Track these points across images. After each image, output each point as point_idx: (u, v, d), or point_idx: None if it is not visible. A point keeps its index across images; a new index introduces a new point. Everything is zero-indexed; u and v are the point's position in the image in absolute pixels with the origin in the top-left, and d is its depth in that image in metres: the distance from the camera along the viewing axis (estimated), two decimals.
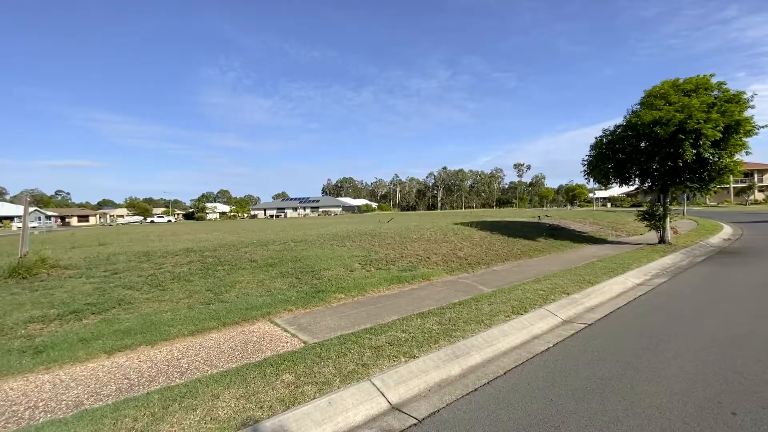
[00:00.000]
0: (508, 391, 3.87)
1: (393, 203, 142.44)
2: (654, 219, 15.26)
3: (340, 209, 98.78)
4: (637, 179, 15.66)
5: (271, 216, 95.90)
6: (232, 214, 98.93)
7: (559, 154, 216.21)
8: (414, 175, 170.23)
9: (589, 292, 7.59)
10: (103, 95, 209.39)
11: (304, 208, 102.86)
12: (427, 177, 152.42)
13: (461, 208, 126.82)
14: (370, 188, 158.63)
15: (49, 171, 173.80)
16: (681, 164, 13.13)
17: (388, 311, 6.36)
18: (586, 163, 15.85)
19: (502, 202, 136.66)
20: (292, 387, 3.72)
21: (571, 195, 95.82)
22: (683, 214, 31.06)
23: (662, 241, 15.03)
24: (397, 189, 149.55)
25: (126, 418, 3.20)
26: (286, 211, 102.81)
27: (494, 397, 3.75)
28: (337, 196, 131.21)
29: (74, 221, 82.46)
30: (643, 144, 13.82)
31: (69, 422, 3.17)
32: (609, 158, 14.86)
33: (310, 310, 6.58)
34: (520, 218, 25.12)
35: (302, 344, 4.94)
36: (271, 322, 5.93)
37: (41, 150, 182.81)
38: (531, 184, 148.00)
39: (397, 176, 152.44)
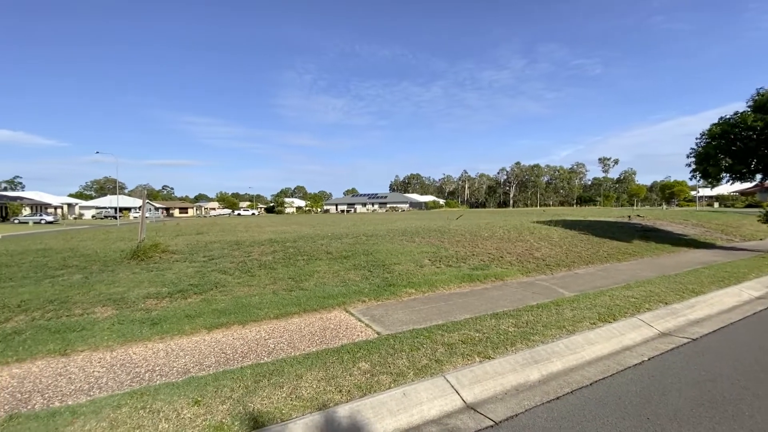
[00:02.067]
0: (595, 403, 3.57)
1: (461, 200, 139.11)
2: None
3: (407, 205, 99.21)
4: (759, 174, 13.31)
5: (342, 211, 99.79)
6: (308, 208, 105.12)
7: (653, 147, 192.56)
8: (484, 171, 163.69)
9: (693, 303, 6.68)
10: (198, 101, 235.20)
11: (373, 204, 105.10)
12: (498, 173, 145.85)
13: (536, 206, 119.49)
14: (438, 184, 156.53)
15: (156, 169, 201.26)
16: None
17: (459, 309, 6.26)
18: (693, 155, 13.84)
19: (584, 200, 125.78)
20: (368, 375, 3.85)
21: (668, 193, 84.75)
22: None
23: None
24: (466, 185, 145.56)
25: (225, 387, 3.59)
26: (355, 206, 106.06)
27: (579, 408, 3.50)
28: (405, 193, 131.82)
29: (176, 213, 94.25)
30: None
31: (180, 386, 3.65)
32: (725, 149, 12.79)
33: (381, 302, 6.74)
34: (605, 218, 22.96)
35: (376, 335, 5.09)
36: (346, 312, 6.19)
37: (151, 150, 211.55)
38: (618, 181, 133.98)
39: (465, 172, 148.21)
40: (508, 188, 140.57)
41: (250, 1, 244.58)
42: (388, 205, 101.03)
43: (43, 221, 49.60)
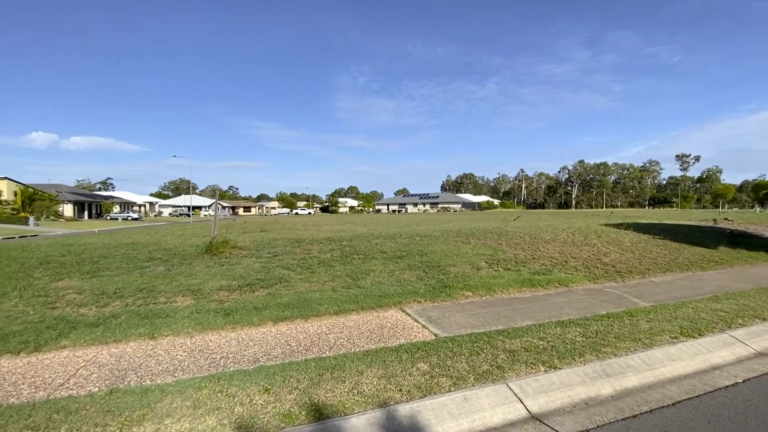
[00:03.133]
0: (680, 426, 3.25)
1: (517, 200, 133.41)
2: None
3: (460, 206, 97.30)
4: None
5: (393, 211, 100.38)
6: (360, 208, 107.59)
7: (744, 141, 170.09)
8: (542, 169, 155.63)
9: None
10: (263, 107, 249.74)
11: (424, 204, 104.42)
12: (559, 172, 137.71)
13: (602, 207, 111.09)
14: (492, 184, 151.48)
15: (224, 170, 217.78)
16: None
17: (520, 315, 6.02)
18: None
19: (658, 201, 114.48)
20: (428, 376, 3.84)
21: (762, 194, 74.39)
22: None
23: None
24: (523, 185, 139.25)
25: (291, 378, 3.79)
26: (406, 206, 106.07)
27: (660, 429, 3.20)
28: (457, 193, 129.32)
29: (240, 211, 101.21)
30: None
31: (251, 374, 3.92)
32: None
33: (437, 303, 6.69)
34: (685, 221, 20.76)
35: (433, 336, 5.07)
36: (402, 311, 6.23)
37: (219, 153, 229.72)
38: (700, 180, 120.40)
39: (522, 171, 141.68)
40: (569, 188, 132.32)
41: (307, 10, 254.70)
42: (439, 206, 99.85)
43: (129, 218, 55.85)
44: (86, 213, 58.23)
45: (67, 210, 52.63)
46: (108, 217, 58.43)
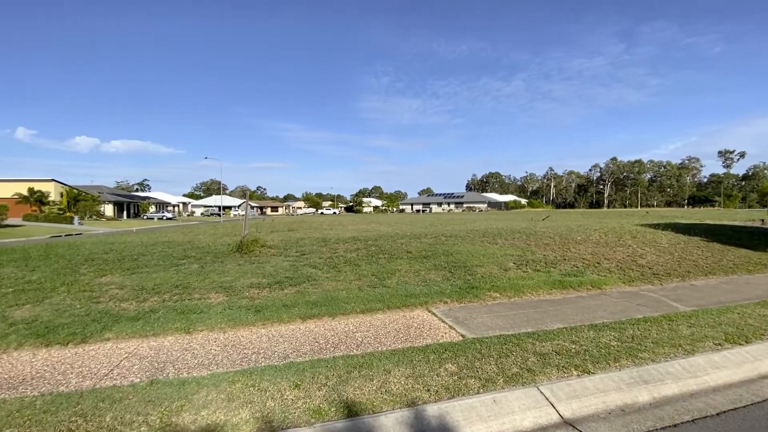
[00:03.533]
0: None
1: (546, 200, 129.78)
2: None
3: (485, 205, 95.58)
4: None
5: (418, 211, 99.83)
6: (384, 208, 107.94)
7: None
8: (572, 167, 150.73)
9: None
10: (288, 108, 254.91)
11: (448, 204, 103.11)
12: (590, 170, 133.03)
13: (636, 207, 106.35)
14: (519, 183, 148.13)
15: (252, 171, 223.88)
16: None
17: (550, 317, 5.86)
18: None
19: (698, 200, 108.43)
20: (456, 377, 3.82)
21: None
22: None
23: None
24: (552, 184, 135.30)
25: (320, 375, 3.85)
26: (431, 206, 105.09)
27: None
28: (482, 192, 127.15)
29: (268, 211, 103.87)
30: None
31: (281, 369, 4.01)
32: None
33: (464, 304, 6.62)
34: (728, 221, 19.57)
35: (461, 337, 5.02)
36: (428, 311, 6.20)
37: (249, 155, 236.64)
38: (745, 177, 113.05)
39: (551, 169, 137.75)
40: (602, 187, 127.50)
41: (331, 12, 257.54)
42: (464, 205, 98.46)
43: (164, 217, 58.42)
44: (125, 213, 61.34)
45: (108, 210, 55.60)
46: (145, 217, 61.31)
